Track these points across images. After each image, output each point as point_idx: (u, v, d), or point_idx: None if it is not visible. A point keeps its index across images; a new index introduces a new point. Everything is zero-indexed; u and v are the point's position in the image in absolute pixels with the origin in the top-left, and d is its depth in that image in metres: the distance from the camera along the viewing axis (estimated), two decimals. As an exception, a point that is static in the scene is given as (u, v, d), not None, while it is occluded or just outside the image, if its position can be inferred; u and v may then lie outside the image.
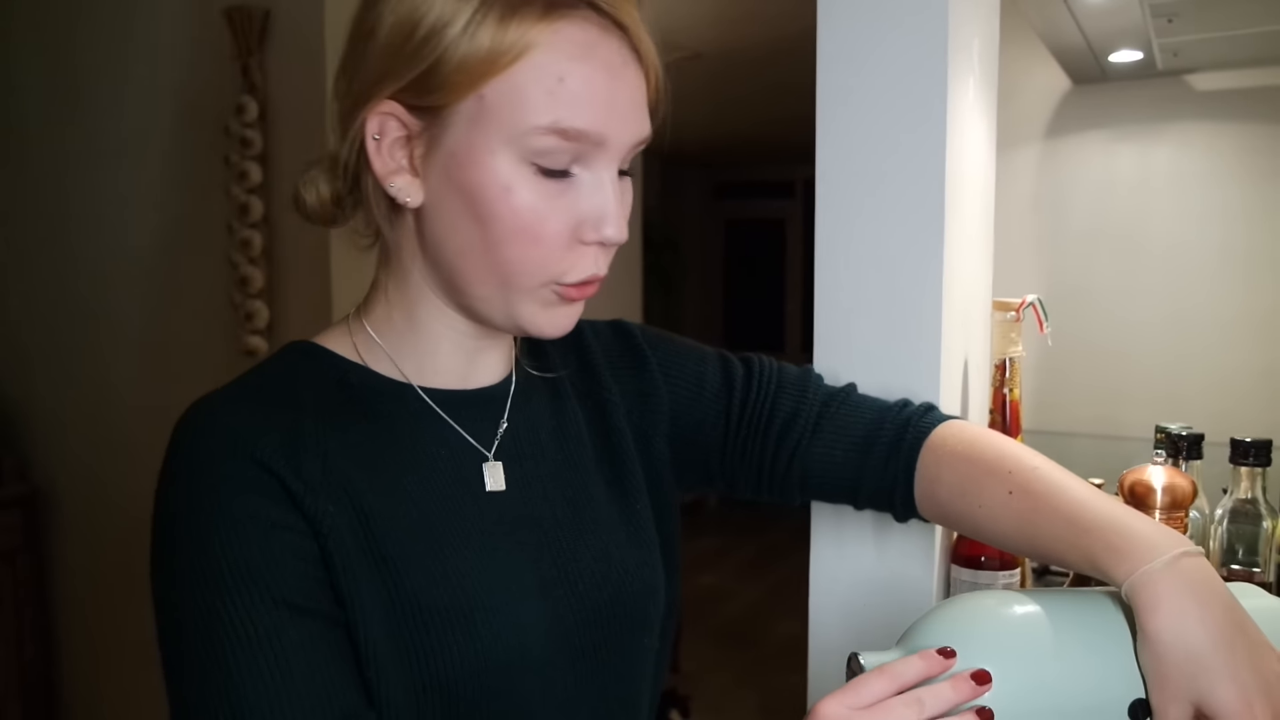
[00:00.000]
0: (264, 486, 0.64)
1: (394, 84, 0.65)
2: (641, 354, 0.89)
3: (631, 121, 0.68)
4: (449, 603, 0.67)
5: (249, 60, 2.20)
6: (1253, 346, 2.20)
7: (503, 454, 0.75)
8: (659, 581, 0.81)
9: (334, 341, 0.75)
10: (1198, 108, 2.26)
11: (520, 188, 0.65)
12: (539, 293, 0.69)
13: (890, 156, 1.14)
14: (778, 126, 5.10)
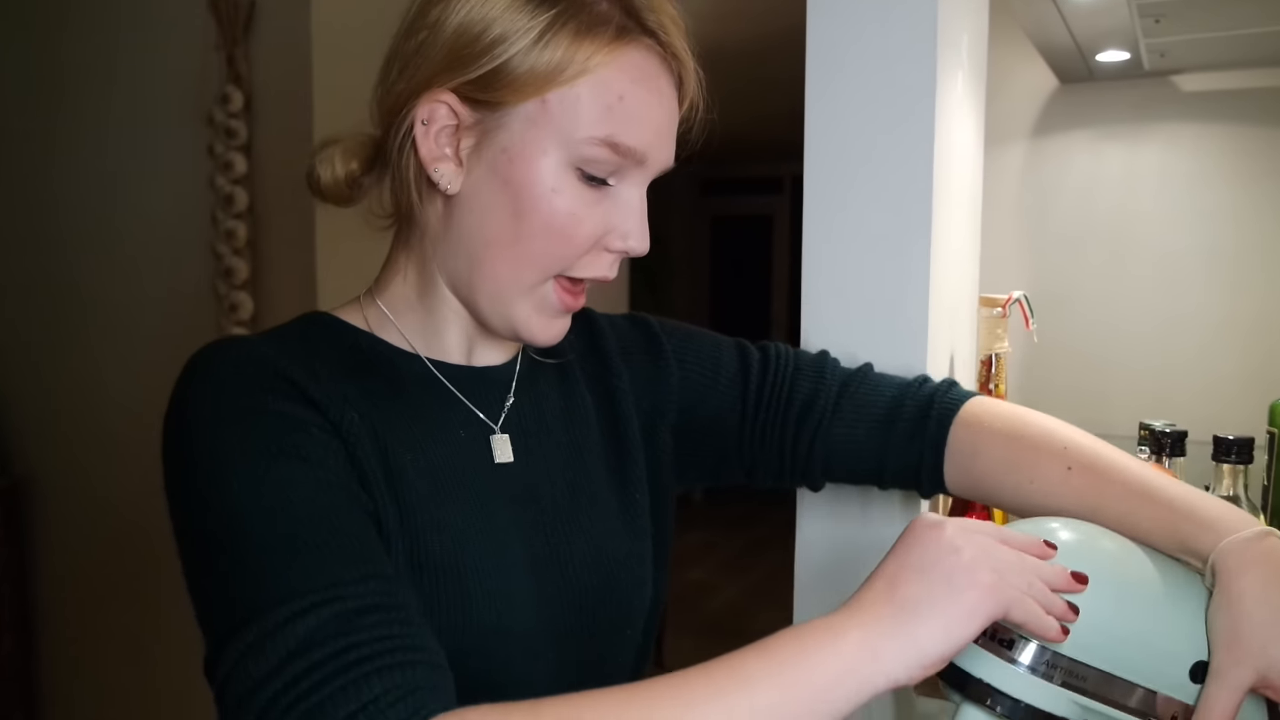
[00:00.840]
0: (291, 394, 0.65)
1: (455, 77, 0.69)
2: (657, 340, 0.92)
3: (668, 148, 0.74)
4: (445, 556, 0.68)
5: (234, 50, 2.18)
6: (1237, 346, 2.21)
7: (509, 428, 0.77)
8: (647, 575, 0.82)
9: (347, 314, 0.77)
10: (1184, 108, 2.27)
11: (565, 190, 0.69)
12: (541, 290, 0.72)
13: (878, 152, 1.14)
14: (766, 123, 5.11)
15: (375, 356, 0.74)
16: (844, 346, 1.17)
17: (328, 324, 0.75)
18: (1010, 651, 0.63)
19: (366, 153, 0.77)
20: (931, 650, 0.57)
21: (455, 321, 0.76)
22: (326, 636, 0.55)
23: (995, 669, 0.64)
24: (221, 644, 0.57)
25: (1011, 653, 0.63)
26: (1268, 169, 2.20)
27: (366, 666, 0.54)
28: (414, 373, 0.75)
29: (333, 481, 0.63)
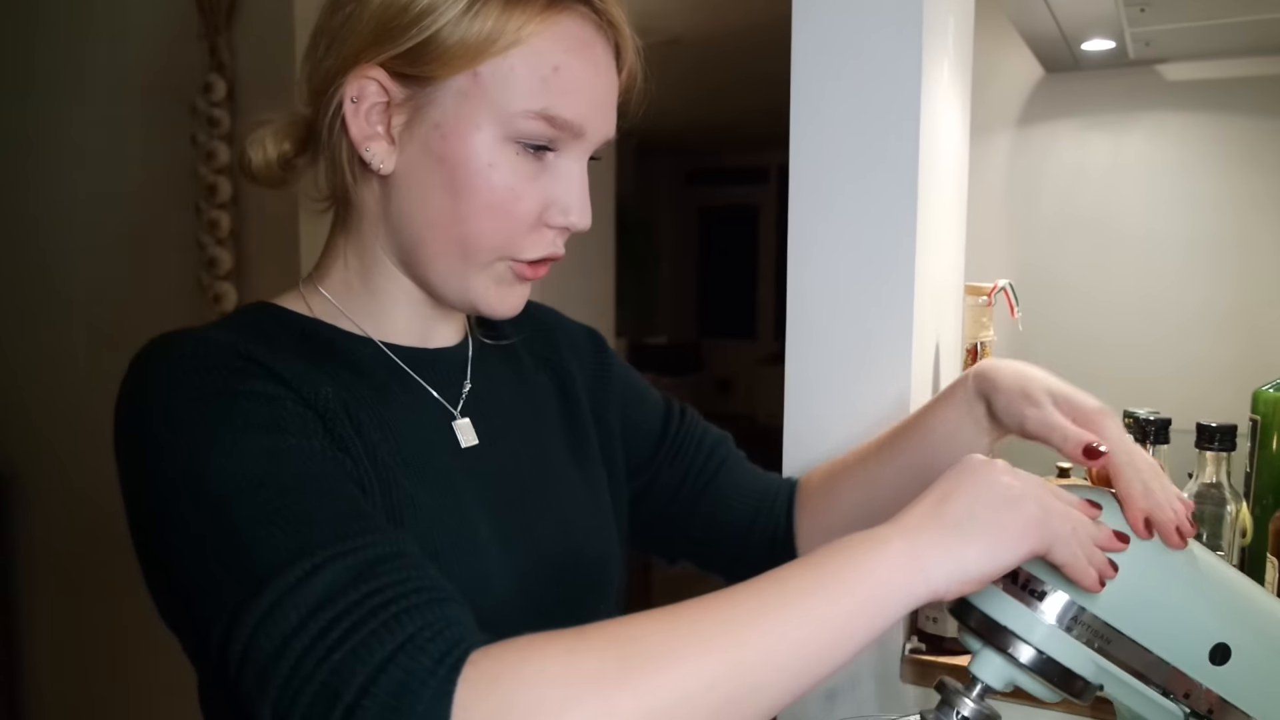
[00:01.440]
0: (259, 373, 0.62)
1: (383, 51, 0.66)
2: (604, 351, 0.94)
3: (608, 119, 0.72)
4: (419, 536, 0.67)
5: (216, 38, 2.16)
6: (1221, 335, 2.22)
7: (469, 411, 0.76)
8: (614, 549, 0.83)
9: (289, 303, 0.75)
10: (1169, 98, 2.27)
11: (502, 165, 0.67)
12: (495, 268, 0.70)
13: (864, 142, 1.14)
14: (753, 113, 5.10)
15: (327, 343, 0.72)
16: (830, 336, 1.17)
17: (274, 313, 0.73)
18: (1040, 603, 0.65)
19: (299, 133, 0.74)
20: (975, 568, 0.58)
21: (404, 302, 0.75)
22: (347, 584, 0.53)
23: (1022, 618, 0.65)
24: (234, 617, 0.54)
25: (1041, 604, 0.64)
26: (1252, 158, 2.21)
27: (395, 607, 0.52)
28: (369, 356, 0.73)
29: (315, 450, 0.60)
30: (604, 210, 2.85)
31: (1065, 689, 0.65)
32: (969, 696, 0.66)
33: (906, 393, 1.14)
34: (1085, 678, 0.65)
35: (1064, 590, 0.64)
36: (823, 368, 1.18)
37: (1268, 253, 2.20)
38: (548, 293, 2.72)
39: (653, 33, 1.92)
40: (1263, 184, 2.21)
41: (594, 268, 2.81)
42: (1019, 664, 0.65)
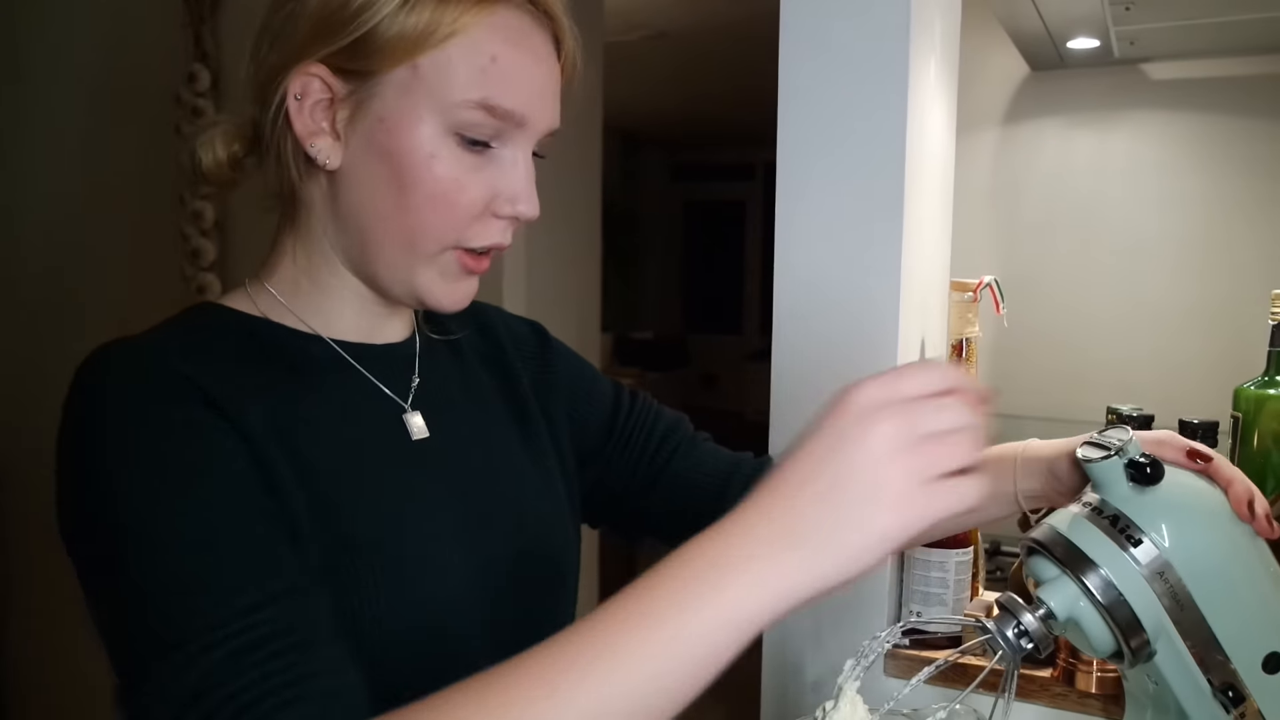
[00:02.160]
0: (190, 397, 0.62)
1: (324, 47, 0.67)
2: (547, 344, 0.93)
3: (550, 108, 0.72)
4: (371, 536, 0.67)
5: (200, 28, 2.15)
6: (1204, 332, 2.24)
7: (419, 404, 0.77)
8: (570, 541, 0.84)
9: (235, 302, 0.75)
10: (1154, 97, 2.29)
11: (444, 157, 0.67)
12: (441, 259, 0.71)
13: (851, 138, 1.14)
14: (740, 109, 5.10)
15: (274, 342, 0.72)
16: (816, 332, 1.18)
17: (219, 314, 0.73)
18: (1134, 549, 0.68)
19: (248, 133, 0.75)
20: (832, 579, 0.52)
21: (352, 299, 0.75)
22: (224, 676, 0.53)
23: (1113, 557, 0.68)
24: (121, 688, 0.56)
25: (1135, 550, 0.68)
26: (1235, 156, 2.23)
27: (267, 703, 0.53)
28: (317, 354, 0.73)
29: (230, 492, 0.60)
30: (590, 205, 2.84)
31: (1125, 638, 0.68)
32: (1032, 614, 0.69)
33: (891, 388, 1.14)
34: (1147, 634, 0.67)
35: (1157, 545, 0.67)
36: (809, 363, 1.18)
37: (1249, 250, 2.22)
38: (533, 287, 2.71)
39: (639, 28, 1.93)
40: (1245, 183, 2.22)
41: (580, 263, 2.80)
42: (1093, 598, 0.67)
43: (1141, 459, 0.68)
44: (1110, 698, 1.03)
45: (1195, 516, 0.70)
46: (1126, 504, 0.69)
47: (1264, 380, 1.10)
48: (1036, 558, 0.72)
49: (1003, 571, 1.49)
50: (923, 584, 1.13)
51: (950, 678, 1.05)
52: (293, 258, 0.75)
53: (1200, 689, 0.69)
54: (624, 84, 4.82)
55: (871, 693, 0.72)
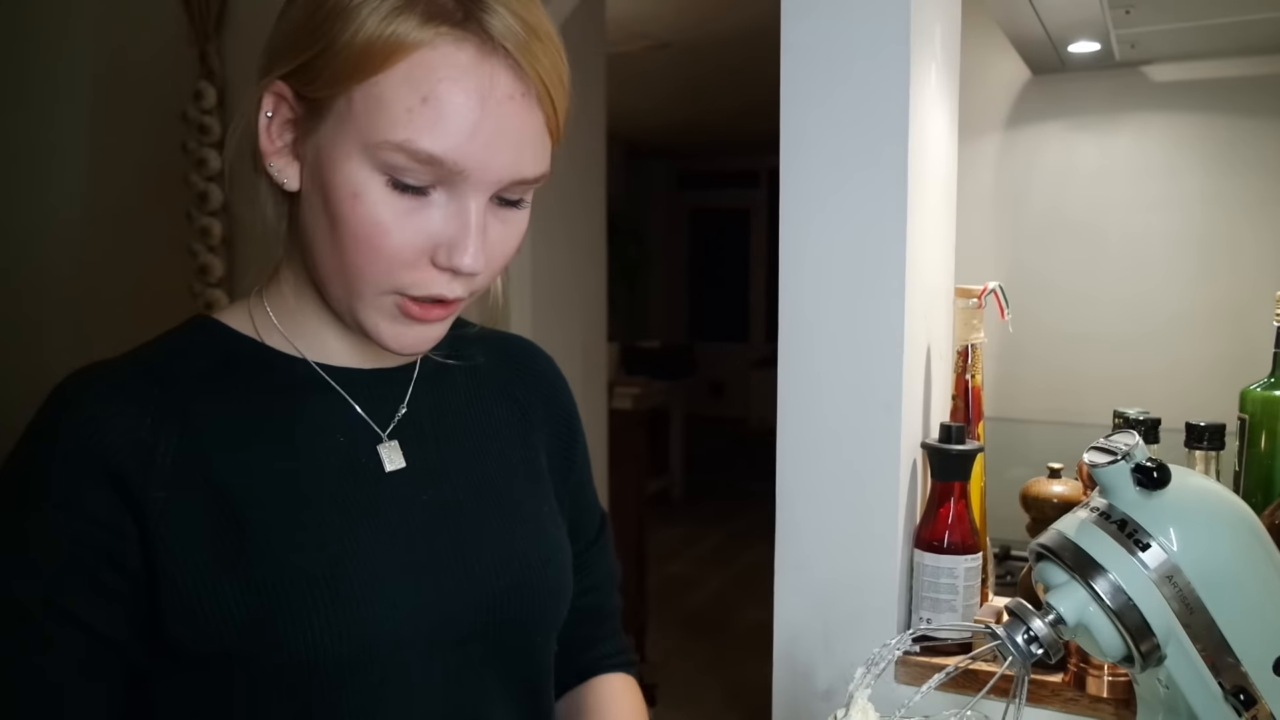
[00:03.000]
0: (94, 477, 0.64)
1: (284, 66, 0.65)
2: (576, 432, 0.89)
3: (503, 156, 0.63)
4: (317, 570, 0.66)
5: (206, 46, 2.16)
6: (1209, 334, 2.24)
7: (400, 434, 0.74)
8: (565, 582, 0.80)
9: (233, 317, 0.74)
10: (1155, 99, 2.29)
11: (368, 197, 0.63)
12: (380, 302, 0.67)
13: (854, 145, 1.15)
14: (743, 117, 5.12)
15: (255, 365, 0.72)
16: (822, 339, 1.18)
17: (210, 332, 0.73)
18: (1142, 553, 0.68)
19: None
20: None
21: (333, 322, 0.73)
22: None
23: (1122, 563, 0.68)
24: None
25: (1143, 554, 0.68)
26: (1237, 158, 2.23)
27: None
28: (298, 379, 0.72)
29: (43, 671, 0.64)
30: (595, 215, 2.85)
31: (1135, 642, 0.68)
32: (1041, 619, 0.69)
33: (898, 395, 1.14)
34: (1157, 638, 0.68)
35: (1166, 549, 0.67)
36: (815, 370, 1.18)
37: (1254, 252, 2.21)
38: (539, 297, 2.72)
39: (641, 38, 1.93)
40: (1248, 183, 2.22)
41: (585, 273, 2.81)
42: (1102, 603, 0.68)
43: (1149, 463, 0.68)
44: (1121, 702, 1.03)
45: (1203, 520, 0.70)
46: (1134, 508, 0.69)
47: (1270, 382, 1.10)
48: (1045, 563, 0.72)
49: (1012, 577, 1.49)
50: (932, 590, 1.13)
51: (961, 684, 1.05)
52: (284, 276, 0.74)
53: (1211, 692, 0.70)
54: (627, 94, 4.84)
55: (883, 700, 0.73)
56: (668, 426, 6.13)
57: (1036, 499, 1.28)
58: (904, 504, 1.16)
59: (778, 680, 1.25)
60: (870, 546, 1.16)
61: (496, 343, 0.87)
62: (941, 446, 1.13)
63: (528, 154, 0.65)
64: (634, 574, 3.59)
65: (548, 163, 0.67)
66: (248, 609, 0.65)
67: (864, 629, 1.17)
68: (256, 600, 0.65)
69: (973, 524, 1.14)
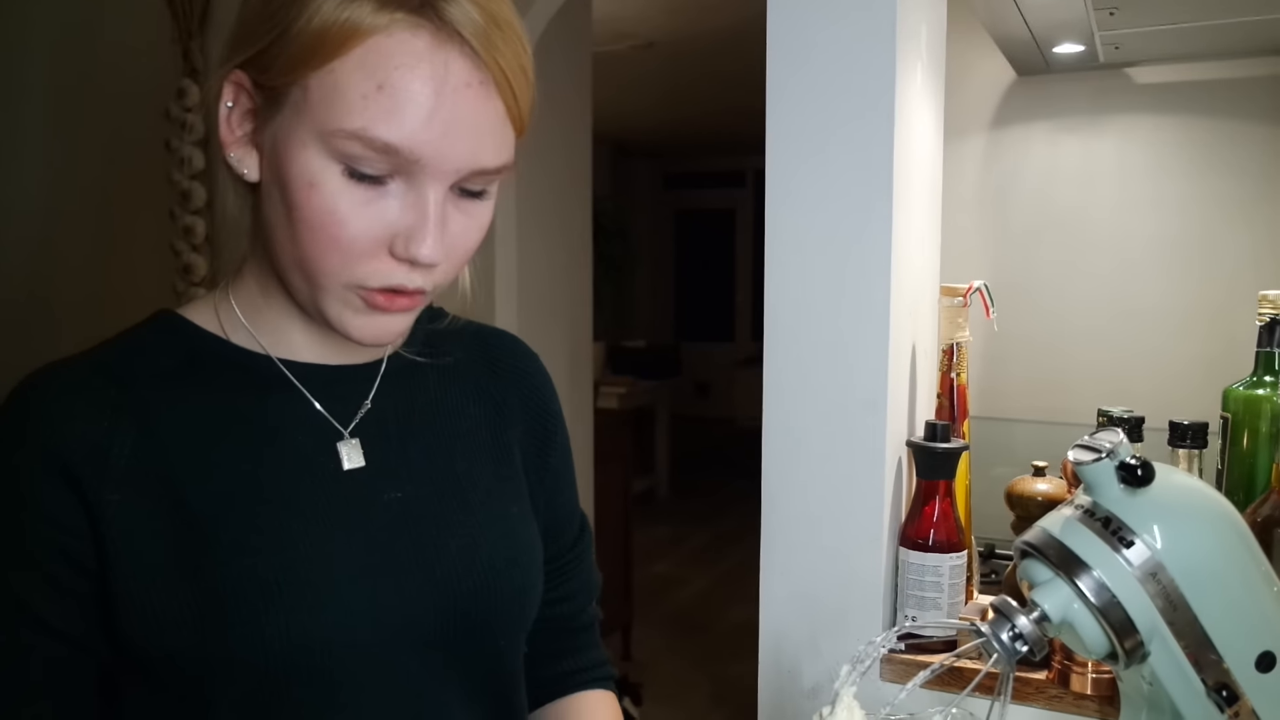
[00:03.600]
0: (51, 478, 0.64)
1: (243, 54, 0.65)
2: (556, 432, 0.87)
3: (463, 146, 0.63)
4: (270, 574, 0.65)
5: (189, 44, 2.15)
6: (1193, 334, 2.25)
7: (362, 433, 0.73)
8: (532, 583, 0.79)
9: (198, 313, 0.73)
10: (1139, 100, 2.30)
11: (324, 186, 0.62)
12: (341, 293, 0.66)
13: (840, 145, 1.15)
14: (729, 116, 5.12)
15: (218, 364, 0.71)
16: (808, 338, 1.18)
17: (174, 329, 0.72)
18: (1126, 550, 0.68)
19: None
20: None
21: (298, 316, 0.72)
22: None
23: (1106, 560, 0.68)
24: None
25: (1127, 551, 0.68)
26: (1221, 160, 2.24)
27: None
28: (261, 376, 0.71)
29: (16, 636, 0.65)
30: (581, 215, 2.85)
31: (1119, 639, 0.68)
32: (1026, 616, 0.69)
33: (883, 394, 1.14)
34: (1140, 635, 0.68)
35: (1149, 546, 0.67)
36: (801, 369, 1.19)
37: (1237, 253, 2.23)
38: (524, 297, 2.72)
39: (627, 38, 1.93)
40: (1232, 185, 2.24)
41: (571, 272, 2.81)
42: (1087, 600, 0.68)
43: (1132, 460, 0.69)
44: (1105, 699, 1.04)
45: (1187, 517, 0.70)
46: (1118, 506, 0.69)
47: (1253, 381, 1.11)
48: (1030, 561, 0.72)
49: (997, 575, 1.49)
50: (917, 589, 1.13)
51: (946, 681, 1.05)
52: (251, 270, 0.73)
53: (1194, 689, 0.70)
54: (613, 94, 4.84)
55: (868, 698, 0.73)
56: (653, 426, 6.14)
57: (1021, 497, 1.29)
58: (889, 502, 1.17)
59: (763, 678, 1.25)
60: (855, 545, 1.17)
61: (477, 337, 0.85)
62: (927, 445, 1.13)
63: (487, 143, 0.64)
64: (620, 573, 3.59)
65: (510, 154, 0.66)
66: (198, 613, 0.64)
67: (849, 627, 1.18)
68: (208, 605, 0.64)
69: (958, 522, 1.14)
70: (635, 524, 3.78)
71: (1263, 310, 1.10)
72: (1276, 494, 0.98)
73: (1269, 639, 0.70)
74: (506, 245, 2.38)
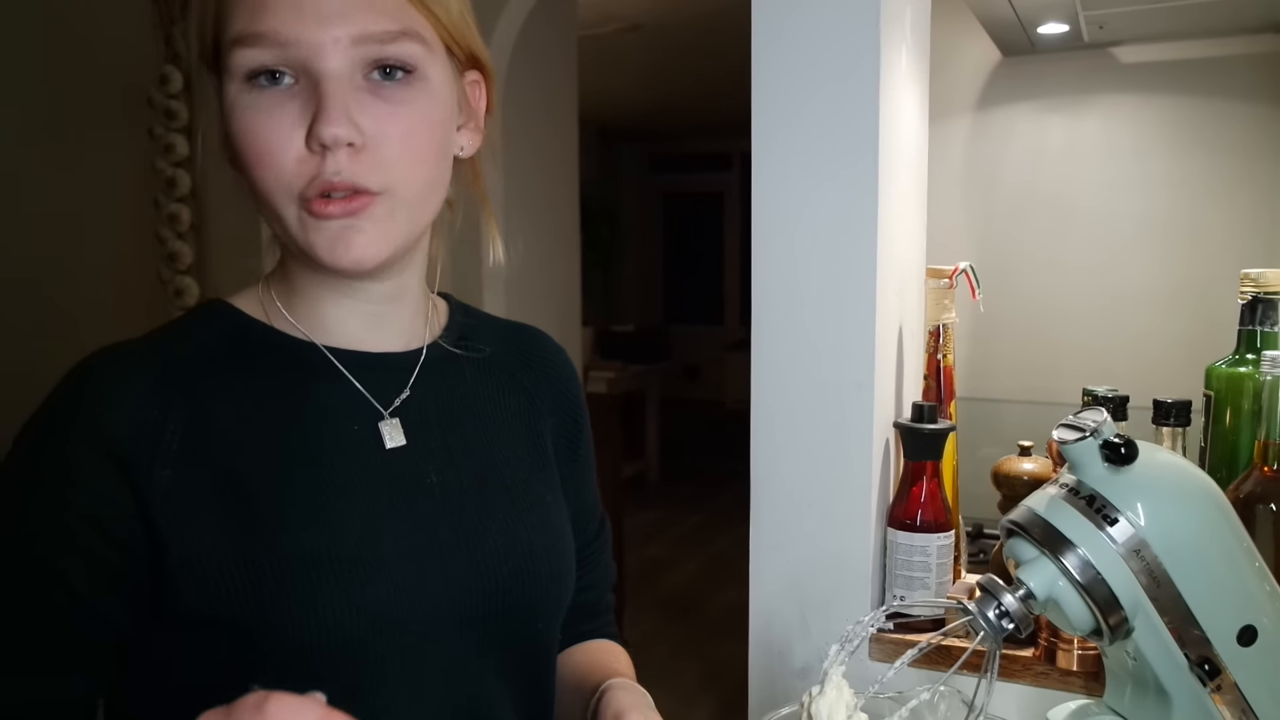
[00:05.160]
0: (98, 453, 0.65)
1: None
2: (582, 425, 0.90)
3: (335, 14, 0.64)
4: (321, 550, 0.67)
5: (171, 29, 2.14)
6: (1177, 313, 2.26)
7: (403, 415, 0.75)
8: (568, 568, 0.81)
9: (245, 302, 0.75)
10: (1123, 80, 2.31)
11: (238, 107, 0.65)
12: (296, 216, 0.67)
13: (826, 128, 1.15)
14: (716, 99, 5.11)
15: (264, 348, 0.73)
16: (795, 321, 1.18)
17: (222, 316, 0.74)
18: (1110, 528, 0.69)
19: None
20: None
21: (333, 301, 0.73)
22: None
23: (1091, 537, 0.69)
24: None
25: (1111, 529, 0.69)
26: (1204, 139, 2.25)
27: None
28: (305, 361, 0.73)
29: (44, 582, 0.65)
30: (568, 199, 2.84)
31: (1103, 615, 0.69)
32: (1012, 594, 0.70)
33: (870, 376, 1.15)
34: (1125, 611, 0.69)
35: (1133, 524, 0.68)
36: (788, 352, 1.19)
37: (1220, 232, 2.24)
38: (512, 282, 2.70)
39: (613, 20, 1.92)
40: (1215, 164, 2.25)
41: (559, 256, 2.81)
42: (1072, 578, 0.68)
43: (1116, 439, 0.69)
44: (1091, 675, 1.05)
45: (1170, 495, 0.71)
46: (1102, 484, 0.70)
47: (1235, 359, 1.12)
48: (1015, 539, 0.73)
49: (985, 555, 1.51)
50: (905, 568, 1.14)
51: (934, 660, 1.06)
52: (284, 259, 0.75)
53: (1177, 663, 0.71)
54: (599, 77, 4.82)
55: (857, 677, 0.74)
56: (643, 410, 6.15)
57: (1007, 476, 1.30)
58: (877, 483, 1.17)
59: (754, 659, 1.26)
60: (844, 526, 1.18)
61: (507, 331, 0.88)
62: (914, 426, 1.14)
63: (366, 5, 0.65)
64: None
65: (406, 18, 0.66)
66: (252, 588, 0.65)
67: (838, 607, 1.19)
68: (261, 580, 0.65)
69: (945, 502, 1.15)
70: (625, 508, 3.79)
71: (1245, 288, 1.11)
72: (1258, 470, 0.98)
73: (1250, 613, 0.71)
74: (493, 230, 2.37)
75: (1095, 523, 0.69)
